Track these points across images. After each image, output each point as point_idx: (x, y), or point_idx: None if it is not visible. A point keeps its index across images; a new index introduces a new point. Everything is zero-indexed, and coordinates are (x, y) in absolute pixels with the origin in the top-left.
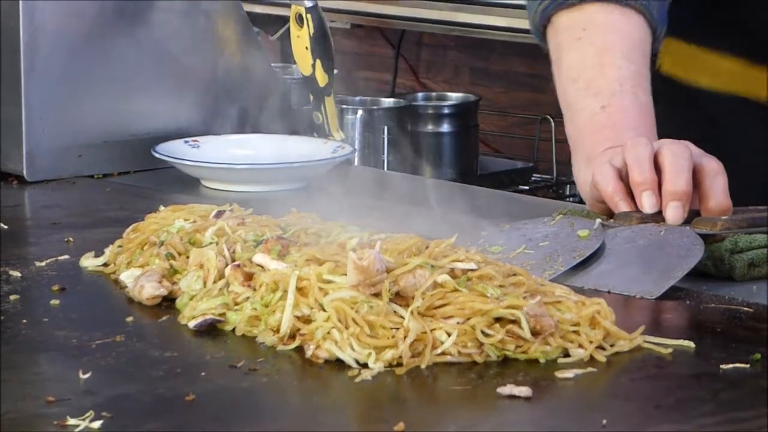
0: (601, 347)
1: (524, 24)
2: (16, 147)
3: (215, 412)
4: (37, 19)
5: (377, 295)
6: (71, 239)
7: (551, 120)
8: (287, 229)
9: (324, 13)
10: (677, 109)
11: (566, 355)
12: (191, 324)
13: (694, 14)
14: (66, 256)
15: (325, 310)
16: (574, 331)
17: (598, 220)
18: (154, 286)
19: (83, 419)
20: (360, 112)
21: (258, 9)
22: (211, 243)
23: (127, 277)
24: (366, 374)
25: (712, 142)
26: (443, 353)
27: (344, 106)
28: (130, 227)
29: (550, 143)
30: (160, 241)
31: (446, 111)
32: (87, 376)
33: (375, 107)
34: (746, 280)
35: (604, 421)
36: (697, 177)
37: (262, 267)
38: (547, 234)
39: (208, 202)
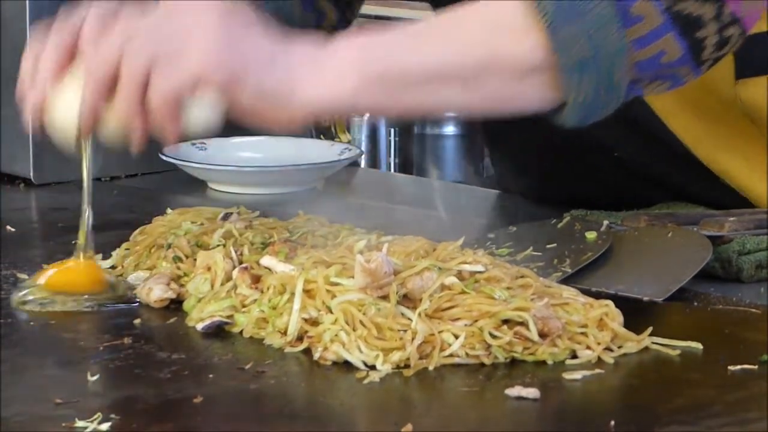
0: (608, 349)
1: None
2: (23, 150)
3: (223, 414)
4: (43, 22)
5: (385, 297)
6: None
7: None
8: (295, 231)
9: None
10: None
11: (574, 356)
12: (199, 326)
13: None
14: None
15: (332, 313)
16: (582, 333)
17: (606, 222)
18: (162, 288)
19: (91, 421)
20: (367, 114)
21: None
22: (218, 245)
23: (134, 279)
24: (374, 376)
25: None
26: (451, 355)
27: None
28: (138, 230)
29: None
30: (168, 243)
31: (452, 113)
32: (95, 378)
33: None
34: (754, 281)
35: (612, 423)
36: None
37: (270, 269)
38: (555, 236)
39: (216, 204)
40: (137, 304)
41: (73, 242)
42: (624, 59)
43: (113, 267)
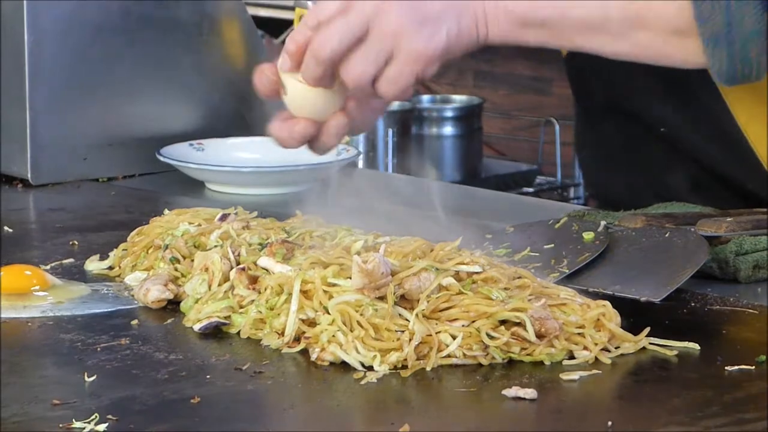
0: (606, 349)
1: None
2: (20, 150)
3: (220, 415)
4: (41, 23)
5: (382, 298)
6: (76, 242)
7: (555, 122)
8: (292, 232)
9: None
10: None
11: (571, 357)
12: (196, 327)
13: None
14: (71, 260)
15: (329, 313)
16: (579, 334)
17: (603, 223)
18: (159, 289)
19: (88, 422)
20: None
21: (262, 12)
22: (215, 246)
23: (132, 280)
24: (371, 377)
25: None
26: (448, 356)
27: None
28: (135, 230)
29: (554, 146)
30: (165, 244)
31: (450, 114)
32: (92, 379)
33: None
34: (751, 282)
35: (610, 423)
36: None
37: (267, 270)
38: (552, 236)
39: (213, 205)
40: (135, 304)
41: (71, 243)
42: (760, 39)
43: (111, 268)
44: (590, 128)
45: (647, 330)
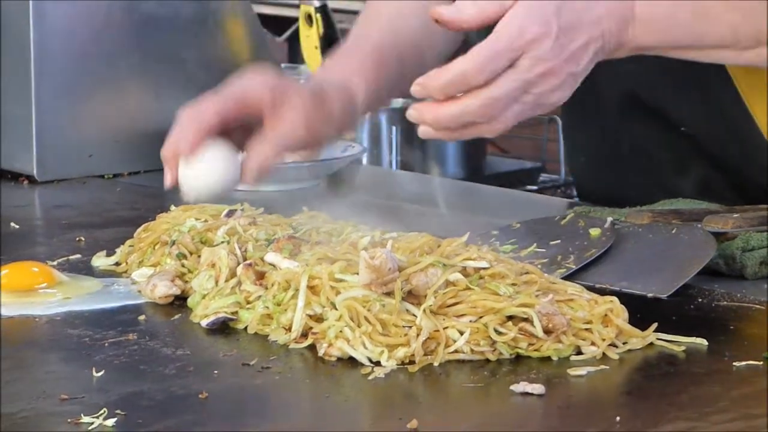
0: (613, 345)
1: None
2: (26, 147)
3: (228, 410)
4: (47, 20)
5: (389, 293)
6: (82, 239)
7: (558, 120)
8: (298, 228)
9: (332, 13)
10: None
11: (579, 352)
12: (204, 322)
13: None
14: (77, 256)
15: (337, 309)
16: (587, 329)
17: (610, 219)
18: (166, 285)
19: (96, 417)
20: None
21: (267, 10)
22: (222, 242)
23: (138, 276)
24: (379, 372)
25: None
26: (456, 351)
27: None
28: (142, 227)
29: (557, 143)
30: (172, 240)
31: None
32: (100, 374)
33: (384, 107)
34: (758, 278)
35: (618, 419)
36: None
37: (274, 266)
38: (559, 233)
39: (219, 201)
40: (142, 300)
41: (77, 239)
42: None
43: (117, 264)
44: (599, 132)
45: (654, 326)
